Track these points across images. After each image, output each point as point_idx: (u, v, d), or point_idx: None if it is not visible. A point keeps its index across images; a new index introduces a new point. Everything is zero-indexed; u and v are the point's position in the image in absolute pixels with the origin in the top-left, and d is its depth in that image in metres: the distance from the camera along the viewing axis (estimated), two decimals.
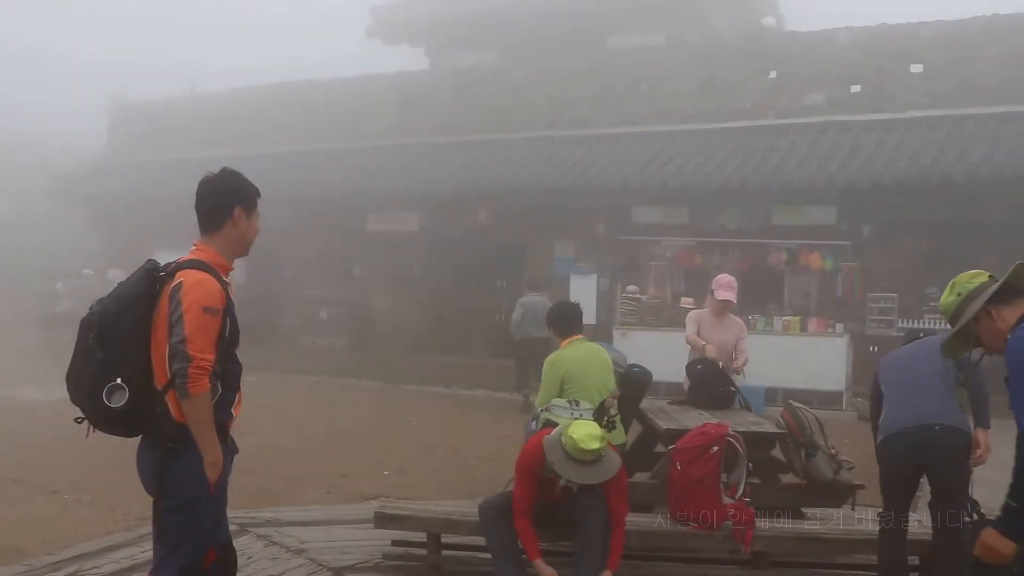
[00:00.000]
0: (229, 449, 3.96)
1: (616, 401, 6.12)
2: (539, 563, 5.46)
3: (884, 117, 17.21)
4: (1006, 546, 3.40)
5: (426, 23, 24.02)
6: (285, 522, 7.19)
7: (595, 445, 5.27)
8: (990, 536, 3.45)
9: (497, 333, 20.70)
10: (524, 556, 5.53)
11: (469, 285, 20.62)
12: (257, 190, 4.12)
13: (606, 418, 5.80)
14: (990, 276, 3.87)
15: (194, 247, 3.99)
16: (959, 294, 3.89)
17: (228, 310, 3.86)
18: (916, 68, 17.49)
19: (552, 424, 5.55)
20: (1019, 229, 14.35)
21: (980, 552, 3.49)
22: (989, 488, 5.39)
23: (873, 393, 5.98)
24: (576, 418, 5.59)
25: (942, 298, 3.98)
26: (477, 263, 20.44)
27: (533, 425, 5.98)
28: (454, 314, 21.29)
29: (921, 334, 6.19)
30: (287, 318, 22.61)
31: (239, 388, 4.01)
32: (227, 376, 3.89)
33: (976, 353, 4.03)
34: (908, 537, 5.69)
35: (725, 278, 8.59)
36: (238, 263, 4.20)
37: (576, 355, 6.60)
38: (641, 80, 20.01)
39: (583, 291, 16.24)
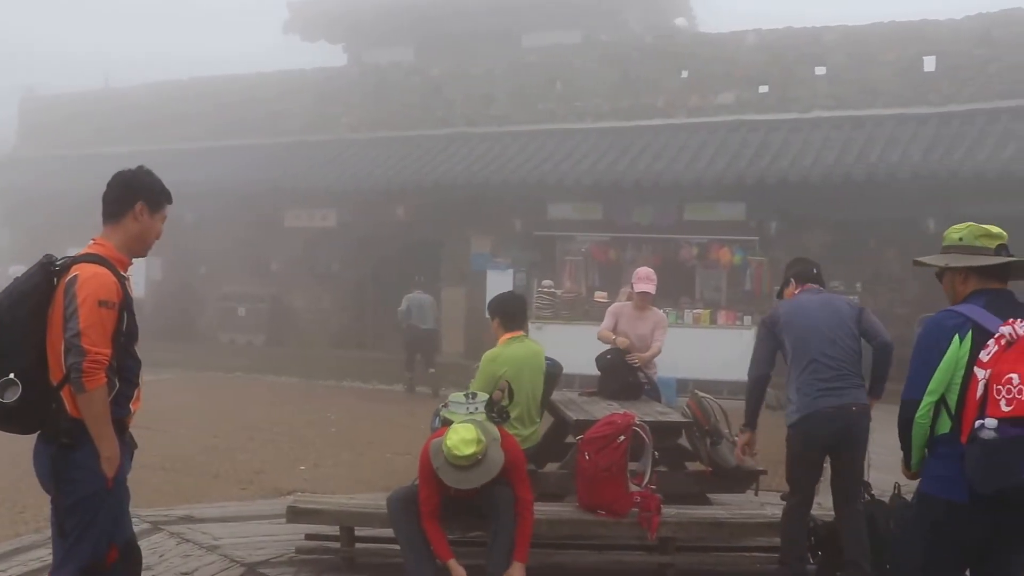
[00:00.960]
0: (128, 445, 3.91)
1: (505, 394, 6.23)
2: (452, 563, 5.49)
3: (790, 117, 17.77)
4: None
5: (344, 19, 23.97)
6: (198, 519, 7.18)
7: (469, 451, 5.29)
8: None
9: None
10: (438, 560, 5.58)
11: (387, 281, 20.69)
12: (168, 194, 4.11)
13: (496, 409, 5.91)
14: (1000, 245, 3.89)
15: (92, 241, 3.95)
16: (961, 239, 3.93)
17: (125, 304, 3.80)
18: (820, 70, 18.06)
19: (450, 422, 5.63)
20: (914, 226, 14.98)
21: None
22: (884, 472, 5.69)
23: (766, 341, 5.97)
24: (471, 412, 5.68)
25: (952, 229, 3.98)
26: (395, 259, 20.51)
27: (436, 422, 6.07)
28: (372, 310, 21.33)
29: (814, 270, 6.16)
30: (205, 315, 22.41)
31: (138, 384, 3.95)
32: (124, 371, 3.83)
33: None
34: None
35: (644, 271, 8.75)
36: (155, 260, 4.21)
37: (515, 356, 6.62)
38: (557, 78, 20.26)
39: (500, 286, 16.35)
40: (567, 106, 19.94)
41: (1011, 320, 3.58)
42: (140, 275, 21.41)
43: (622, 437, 6.16)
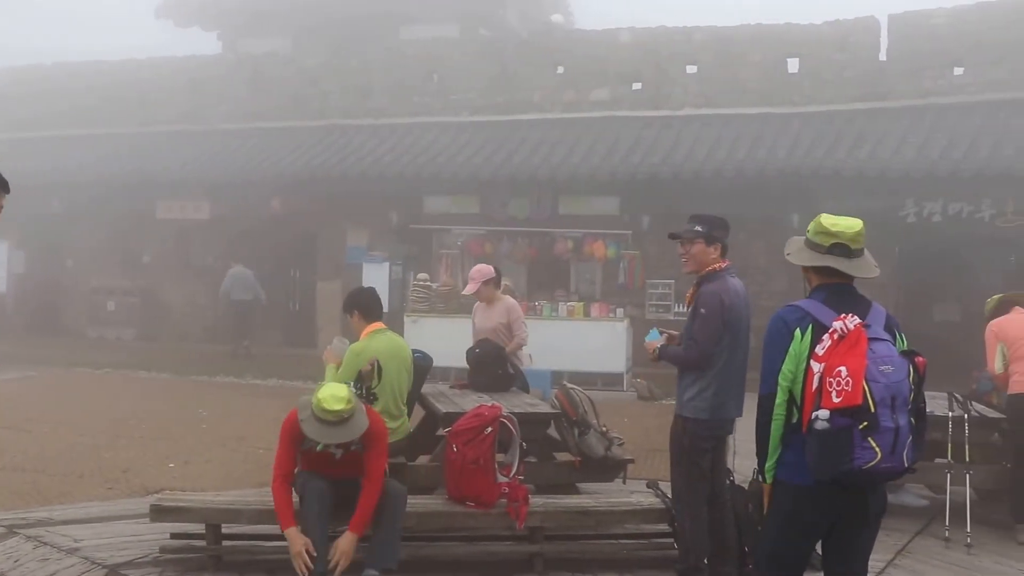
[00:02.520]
0: None
1: (374, 370, 6.30)
2: (291, 531, 5.56)
3: (662, 114, 18.27)
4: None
5: (218, 6, 23.42)
6: (59, 521, 6.97)
7: (338, 406, 5.44)
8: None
9: (291, 322, 20.59)
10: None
11: (262, 274, 20.40)
12: (5, 183, 3.98)
13: (364, 388, 5.99)
14: (835, 244, 4.01)
15: None
16: (808, 232, 4.12)
17: None
18: (691, 69, 18.59)
19: None
20: (779, 220, 15.54)
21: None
22: (746, 458, 5.91)
23: (720, 327, 5.62)
24: None
25: (816, 223, 4.12)
26: (270, 252, 20.27)
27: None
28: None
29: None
30: (72, 309, 21.74)
31: None
32: None
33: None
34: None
35: (473, 269, 8.85)
36: (18, 253, 4.07)
37: (380, 349, 6.64)
38: (434, 72, 20.31)
39: (375, 279, 16.37)
40: (444, 100, 20.00)
41: (843, 315, 3.80)
42: (1, 268, 20.64)
43: (489, 429, 6.27)
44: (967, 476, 7.38)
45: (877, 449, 3.62)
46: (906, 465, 3.72)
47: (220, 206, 20.16)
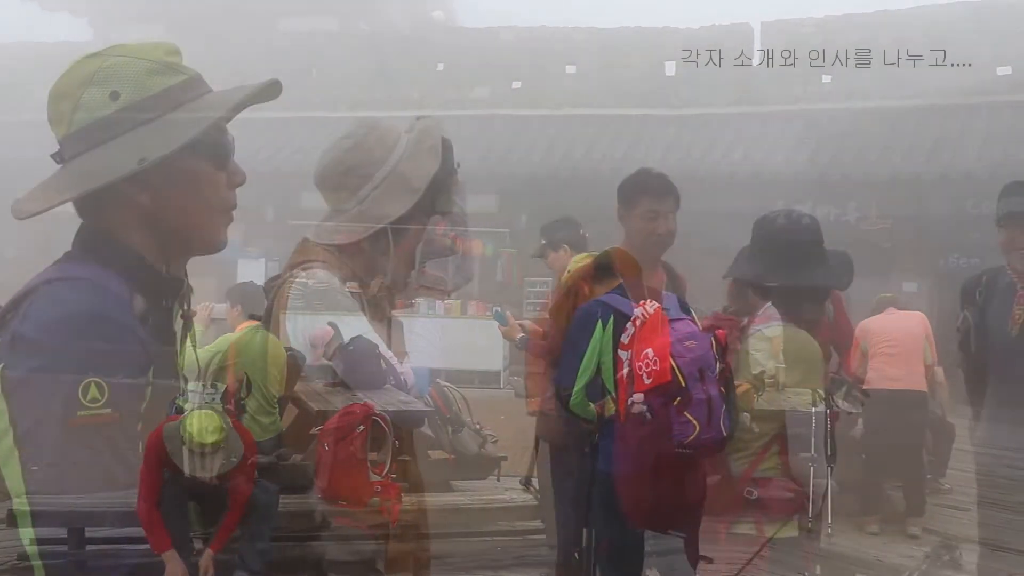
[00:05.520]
0: None
1: (243, 386, 6.17)
2: (169, 555, 5.39)
3: (542, 113, 18.42)
4: None
5: None
6: None
7: (210, 439, 5.25)
8: None
9: None
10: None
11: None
12: None
13: (233, 401, 5.85)
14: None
15: None
16: (570, 270, 4.35)
17: None
18: (571, 69, 18.81)
19: (183, 410, 5.54)
20: None
21: None
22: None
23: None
24: (207, 402, 5.60)
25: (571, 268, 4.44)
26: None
27: (172, 411, 5.94)
28: None
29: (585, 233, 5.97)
30: None
31: None
32: None
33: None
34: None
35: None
36: None
37: (253, 344, 6.53)
38: (312, 66, 20.02)
39: (251, 276, 16.00)
40: (323, 94, 19.73)
41: (642, 302, 3.95)
42: None
43: (361, 427, 6.22)
44: (829, 469, 7.66)
45: (695, 422, 3.71)
46: (724, 434, 3.84)
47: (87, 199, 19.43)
